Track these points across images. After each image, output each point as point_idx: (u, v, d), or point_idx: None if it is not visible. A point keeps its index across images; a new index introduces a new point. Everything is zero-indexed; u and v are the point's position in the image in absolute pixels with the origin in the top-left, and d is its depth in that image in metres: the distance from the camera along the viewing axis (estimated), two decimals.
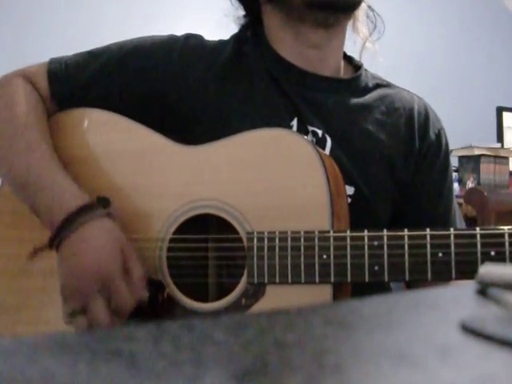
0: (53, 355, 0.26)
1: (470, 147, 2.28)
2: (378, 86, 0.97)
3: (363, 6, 0.94)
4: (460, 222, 0.98)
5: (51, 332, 0.83)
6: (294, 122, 0.89)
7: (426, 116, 0.96)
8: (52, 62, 0.95)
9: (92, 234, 0.77)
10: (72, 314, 0.76)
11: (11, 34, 2.43)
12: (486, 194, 1.73)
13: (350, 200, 0.86)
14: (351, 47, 0.99)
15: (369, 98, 0.94)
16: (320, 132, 0.88)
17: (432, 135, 0.95)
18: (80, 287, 0.75)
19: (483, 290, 0.38)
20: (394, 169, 0.91)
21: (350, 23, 0.95)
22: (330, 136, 0.88)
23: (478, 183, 2.21)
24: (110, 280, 0.75)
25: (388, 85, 0.99)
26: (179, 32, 0.96)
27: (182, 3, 2.76)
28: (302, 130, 0.88)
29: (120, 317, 0.76)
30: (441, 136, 0.96)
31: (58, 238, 0.77)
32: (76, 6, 2.56)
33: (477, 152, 2.26)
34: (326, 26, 0.89)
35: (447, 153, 0.97)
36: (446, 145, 0.97)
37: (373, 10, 0.98)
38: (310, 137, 0.88)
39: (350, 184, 0.87)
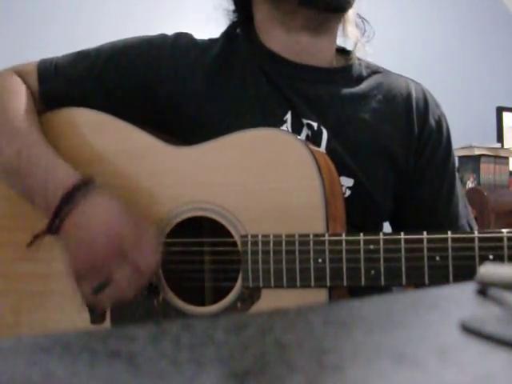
0: (53, 355, 0.26)
1: (470, 147, 2.29)
2: (373, 73, 0.95)
3: (353, 11, 0.93)
4: (465, 208, 0.96)
5: (51, 332, 0.83)
6: (288, 116, 0.87)
7: (425, 102, 0.94)
8: (42, 61, 0.94)
9: (94, 205, 0.75)
10: (96, 290, 0.75)
11: (11, 35, 2.43)
12: (486, 193, 1.73)
13: (349, 192, 0.85)
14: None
15: (364, 86, 0.92)
16: (315, 124, 0.86)
17: (432, 122, 0.93)
18: (98, 260, 0.73)
19: (483, 290, 0.38)
20: (393, 158, 0.90)
21: (340, 27, 0.94)
22: (326, 128, 0.86)
23: (478, 183, 2.21)
24: (127, 244, 0.73)
25: (384, 71, 0.96)
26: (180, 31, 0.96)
27: (183, 3, 2.76)
28: (297, 123, 0.86)
29: (144, 279, 0.75)
30: (441, 122, 0.94)
31: (57, 218, 0.75)
32: (77, 6, 2.56)
33: (477, 152, 2.27)
34: (316, 27, 0.88)
35: (449, 138, 0.95)
36: (447, 130, 0.95)
37: (361, 17, 0.97)
38: (305, 130, 0.86)
39: (349, 176, 0.85)
